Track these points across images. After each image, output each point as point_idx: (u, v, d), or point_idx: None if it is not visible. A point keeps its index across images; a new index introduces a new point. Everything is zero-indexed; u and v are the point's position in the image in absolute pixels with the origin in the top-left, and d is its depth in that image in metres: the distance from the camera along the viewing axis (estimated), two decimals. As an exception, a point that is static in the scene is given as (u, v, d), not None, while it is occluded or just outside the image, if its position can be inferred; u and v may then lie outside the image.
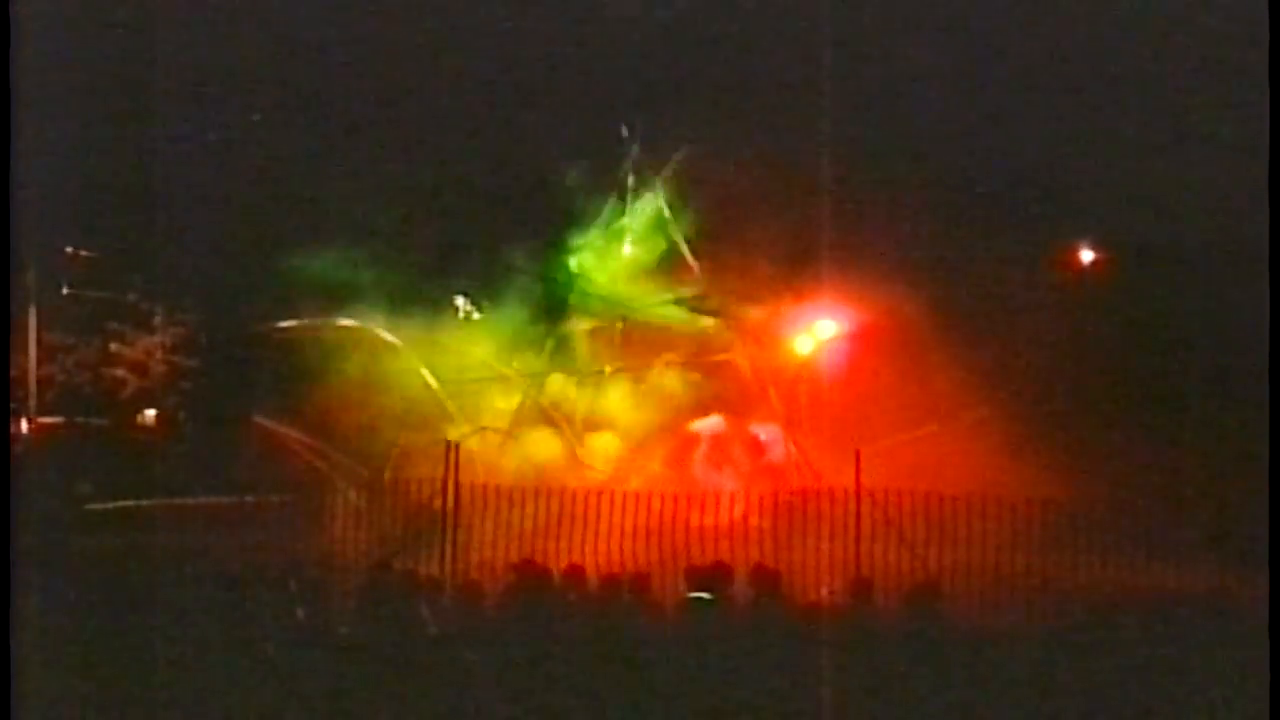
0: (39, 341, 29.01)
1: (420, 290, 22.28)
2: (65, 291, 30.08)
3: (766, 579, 11.21)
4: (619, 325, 22.50)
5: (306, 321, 22.54)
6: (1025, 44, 24.53)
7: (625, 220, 23.15)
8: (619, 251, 23.21)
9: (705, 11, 24.67)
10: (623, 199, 23.13)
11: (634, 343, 22.35)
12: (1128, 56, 24.36)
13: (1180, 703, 9.44)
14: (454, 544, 17.70)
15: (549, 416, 21.86)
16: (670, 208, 23.00)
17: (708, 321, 22.55)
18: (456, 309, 22.71)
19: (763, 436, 22.18)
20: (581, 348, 22.43)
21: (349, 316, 22.27)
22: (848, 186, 22.50)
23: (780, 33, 24.43)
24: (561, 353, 22.28)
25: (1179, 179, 24.03)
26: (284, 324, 22.70)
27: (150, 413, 30.75)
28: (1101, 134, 24.63)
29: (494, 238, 22.54)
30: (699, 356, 22.18)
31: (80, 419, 29.83)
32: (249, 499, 19.52)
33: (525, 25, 25.11)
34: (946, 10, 24.55)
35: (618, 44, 24.90)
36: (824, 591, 15.79)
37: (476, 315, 22.88)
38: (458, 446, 18.51)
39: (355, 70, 25.97)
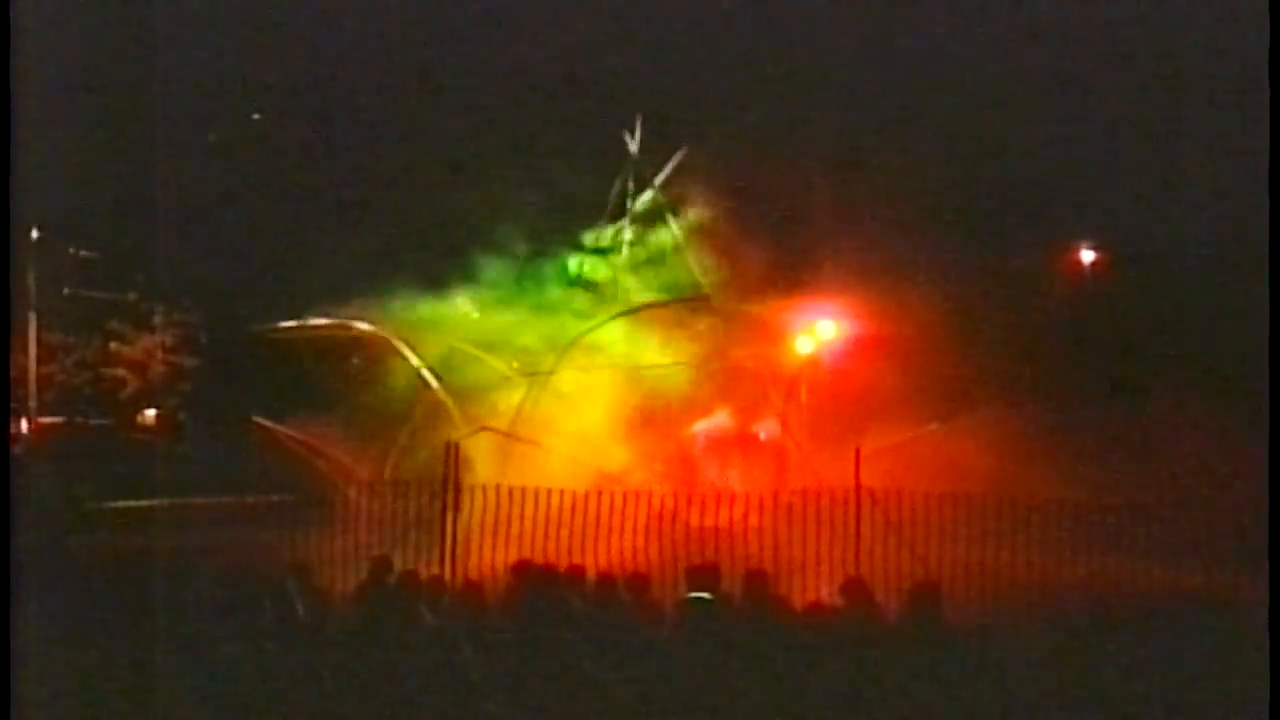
0: (39, 341, 29.07)
1: (420, 290, 22.27)
2: (65, 291, 30.15)
3: (766, 579, 11.21)
4: (619, 325, 22.47)
5: (306, 321, 22.55)
6: (1025, 45, 24.55)
7: (626, 220, 23.17)
8: (620, 251, 23.23)
9: (706, 11, 24.69)
10: (624, 198, 23.14)
11: (635, 343, 22.32)
12: (1128, 57, 24.38)
13: (1180, 703, 9.44)
14: (454, 544, 17.68)
15: (549, 416, 21.83)
16: (671, 207, 23.02)
17: (708, 321, 22.54)
18: (457, 309, 22.68)
19: (763, 436, 22.18)
20: (582, 347, 22.38)
21: (349, 316, 22.27)
22: (849, 186, 22.53)
23: (781, 33, 24.46)
24: (562, 352, 22.24)
25: (1179, 180, 24.07)
26: (284, 324, 22.71)
27: (150, 413, 30.81)
28: (1102, 135, 24.66)
29: (495, 238, 22.54)
30: (699, 356, 22.15)
31: (80, 419, 29.89)
32: (249, 499, 19.50)
33: (527, 24, 25.15)
34: (949, 12, 24.58)
35: (619, 44, 24.92)
36: (824, 591, 15.78)
37: (477, 315, 22.86)
38: (458, 446, 18.48)
39: (355, 69, 26.01)
